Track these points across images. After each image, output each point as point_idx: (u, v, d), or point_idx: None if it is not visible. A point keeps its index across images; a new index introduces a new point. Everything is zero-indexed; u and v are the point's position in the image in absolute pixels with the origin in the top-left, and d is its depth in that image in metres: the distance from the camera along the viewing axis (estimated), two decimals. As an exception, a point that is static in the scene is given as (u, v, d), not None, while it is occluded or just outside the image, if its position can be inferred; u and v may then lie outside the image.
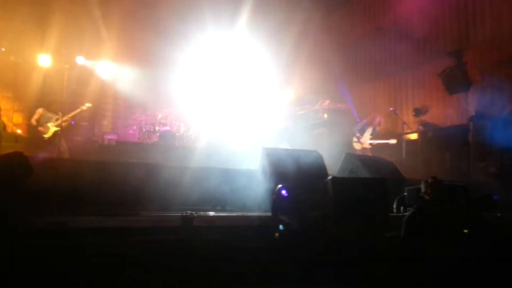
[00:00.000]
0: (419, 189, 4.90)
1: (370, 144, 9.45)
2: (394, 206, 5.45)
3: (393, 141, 9.43)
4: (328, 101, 11.74)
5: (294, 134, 10.13)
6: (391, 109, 10.52)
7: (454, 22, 10.41)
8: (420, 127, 10.43)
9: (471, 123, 9.05)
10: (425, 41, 11.14)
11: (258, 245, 3.74)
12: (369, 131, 9.53)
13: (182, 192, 4.61)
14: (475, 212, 5.09)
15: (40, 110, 8.28)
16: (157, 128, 10.28)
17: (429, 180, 4.75)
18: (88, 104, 8.59)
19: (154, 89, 10.96)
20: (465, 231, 4.63)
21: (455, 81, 9.81)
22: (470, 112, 9.61)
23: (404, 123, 9.88)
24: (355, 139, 9.51)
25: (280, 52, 11.73)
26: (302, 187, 4.76)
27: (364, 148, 9.46)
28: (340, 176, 5.78)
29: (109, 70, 11.25)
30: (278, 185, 4.44)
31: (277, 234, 3.95)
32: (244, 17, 10.61)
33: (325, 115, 11.46)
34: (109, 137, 10.85)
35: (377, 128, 9.59)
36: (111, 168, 4.88)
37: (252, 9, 10.56)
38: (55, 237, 3.31)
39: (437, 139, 9.66)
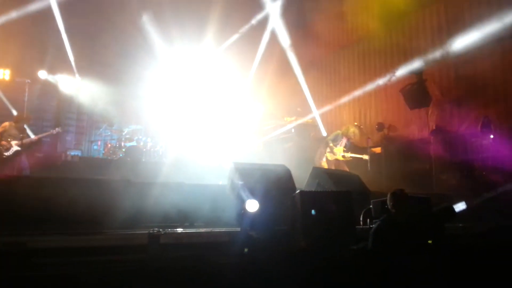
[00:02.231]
0: (385, 201, 4.98)
1: (343, 156, 9.52)
2: (361, 218, 5.51)
3: (366, 157, 9.53)
4: (295, 116, 11.87)
5: (262, 149, 10.15)
6: (356, 123, 10.75)
7: (413, 40, 10.82)
8: (384, 141, 10.69)
9: (432, 137, 9.36)
10: (386, 58, 11.52)
11: (227, 261, 3.67)
12: (342, 143, 9.60)
13: (149, 209, 4.48)
14: (438, 223, 5.23)
15: (6, 124, 7.97)
16: (123, 144, 10.05)
17: (394, 193, 4.83)
18: (58, 129, 8.41)
19: (120, 104, 10.75)
20: (429, 241, 4.73)
21: (416, 96, 10.15)
22: (431, 126, 9.95)
23: (368, 137, 10.11)
24: (328, 150, 9.56)
25: (248, 67, 11.81)
26: (271, 201, 4.74)
27: (336, 160, 9.50)
28: (308, 189, 5.81)
29: (73, 85, 10.96)
30: (246, 200, 4.40)
31: (246, 250, 3.90)
32: (211, 32, 10.64)
33: (292, 130, 11.56)
34: (72, 153, 10.51)
35: (351, 140, 9.68)
36: (74, 185, 4.69)
37: (218, 24, 10.61)
38: (13, 258, 3.11)
39: (400, 152, 9.91)
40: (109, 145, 10.21)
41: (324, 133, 11.90)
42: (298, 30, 13.40)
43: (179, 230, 4.36)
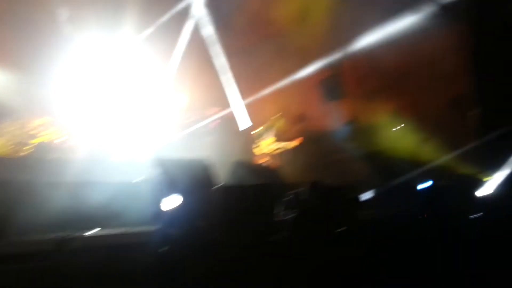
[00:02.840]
0: (302, 192, 5.15)
1: (271, 149, 9.70)
2: (280, 210, 5.63)
3: (289, 146, 9.80)
4: (219, 108, 11.77)
5: (183, 142, 9.96)
6: (276, 115, 10.96)
7: (330, 36, 11.26)
8: (301, 133, 11.03)
9: (346, 130, 9.85)
10: (306, 51, 11.84)
11: (144, 261, 3.54)
12: (269, 135, 9.77)
13: (57, 212, 4.16)
14: (351, 211, 5.52)
15: None
16: (28, 139, 9.20)
17: (310, 184, 5.02)
18: None
19: (24, 94, 9.79)
20: (343, 229, 4.98)
21: (332, 89, 10.62)
22: (345, 119, 10.48)
23: (287, 129, 10.35)
24: (255, 145, 9.69)
25: (170, 56, 11.42)
26: (191, 196, 4.66)
27: (265, 154, 9.67)
28: (228, 184, 5.81)
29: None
30: (165, 196, 4.28)
31: (163, 249, 3.79)
32: (128, 18, 10.10)
33: (216, 123, 11.48)
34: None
35: (277, 133, 9.90)
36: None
37: (136, 8, 10.10)
38: None
39: (317, 144, 10.30)
40: (13, 141, 9.30)
41: (248, 125, 12.01)
42: (222, 19, 13.28)
43: (91, 232, 4.11)
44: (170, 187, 4.73)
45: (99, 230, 4.37)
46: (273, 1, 12.34)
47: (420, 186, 6.56)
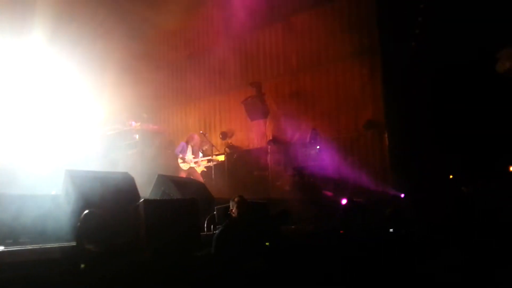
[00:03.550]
0: (227, 207, 5.15)
1: (196, 162, 9.67)
2: (205, 225, 5.58)
3: (219, 159, 9.83)
4: (140, 122, 11.44)
5: (103, 155, 9.49)
6: (201, 131, 10.90)
7: (254, 58, 11.59)
8: (227, 149, 11.10)
9: (269, 147, 10.09)
10: (230, 71, 12.04)
11: (59, 280, 3.28)
12: (190, 151, 9.75)
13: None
14: (274, 225, 5.63)
15: None
16: None
17: (235, 199, 5.03)
18: None
19: None
20: (267, 243, 5.05)
21: (255, 108, 10.86)
22: (268, 136, 10.74)
23: (212, 145, 10.34)
24: (180, 160, 9.62)
25: (88, 67, 10.88)
26: (112, 211, 4.43)
27: (191, 168, 9.65)
28: (152, 198, 5.63)
29: None
30: (84, 210, 4.02)
31: (82, 266, 3.54)
32: (41, 24, 9.44)
33: (137, 136, 11.12)
34: None
35: (198, 148, 9.90)
36: None
37: (51, 16, 9.50)
38: None
39: (241, 160, 10.42)
40: None
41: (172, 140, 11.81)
42: (146, 32, 13.03)
43: (0, 248, 3.71)
44: (89, 201, 4.47)
45: (9, 245, 3.95)
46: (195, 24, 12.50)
47: (340, 203, 6.90)
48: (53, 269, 3.62)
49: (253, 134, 11.26)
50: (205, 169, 10.06)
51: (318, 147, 9.14)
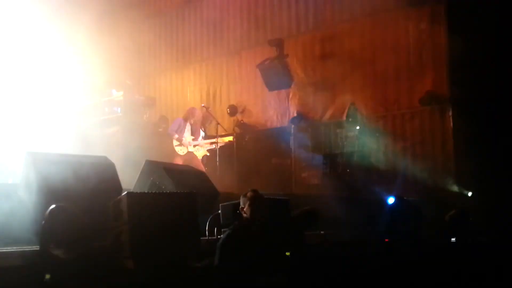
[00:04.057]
0: (236, 205, 5.15)
1: (197, 145, 9.65)
2: (207, 227, 5.62)
3: (224, 141, 9.83)
4: (123, 91, 11.49)
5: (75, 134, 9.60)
6: (203, 105, 10.93)
7: (276, 7, 11.44)
8: (236, 129, 11.11)
9: (292, 126, 10.06)
10: (242, 24, 11.95)
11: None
12: (188, 130, 9.69)
13: None
14: (298, 230, 5.64)
15: None
16: None
17: (248, 194, 5.01)
18: None
19: None
20: (287, 253, 5.07)
21: (275, 75, 10.79)
22: (291, 113, 10.70)
23: (218, 123, 10.35)
24: (175, 143, 9.56)
25: (60, 19, 10.95)
26: (86, 206, 4.50)
27: (190, 153, 9.58)
28: (139, 191, 5.68)
29: None
30: (50, 205, 4.08)
31: (47, 277, 3.62)
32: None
33: (119, 110, 11.20)
34: None
35: (198, 126, 9.84)
36: None
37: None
38: None
39: (255, 144, 10.43)
40: None
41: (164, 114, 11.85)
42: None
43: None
44: (57, 193, 4.54)
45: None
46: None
47: (386, 202, 6.87)
48: (10, 280, 3.67)
49: (271, 109, 11.24)
50: (207, 154, 10.09)
51: (357, 127, 9.07)
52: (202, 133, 10.08)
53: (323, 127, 10.01)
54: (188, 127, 9.80)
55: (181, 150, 9.64)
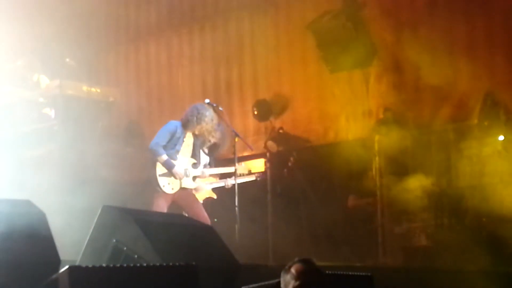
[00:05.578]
0: (276, 285, 5.20)
1: (200, 176, 9.58)
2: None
3: (249, 178, 9.88)
4: (59, 79, 11.74)
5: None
6: (207, 101, 10.95)
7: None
8: (271, 145, 11.16)
9: (377, 137, 10.11)
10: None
11: None
12: (188, 147, 9.55)
13: None
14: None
15: None
16: None
17: (294, 268, 5.06)
18: None
19: None
20: None
21: (342, 41, 10.87)
22: (375, 112, 10.76)
23: (236, 134, 10.35)
24: (160, 170, 9.33)
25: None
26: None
27: (185, 191, 9.46)
28: (91, 261, 5.76)
29: None
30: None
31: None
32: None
33: (52, 112, 11.43)
34: None
35: (208, 142, 9.73)
36: None
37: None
38: None
39: (308, 171, 10.49)
40: None
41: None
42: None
43: None
44: None
45: None
46: None
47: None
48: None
49: (336, 106, 11.27)
50: (214, 196, 10.14)
51: (500, 137, 9.08)
52: (204, 157, 10.00)
53: (434, 138, 10.00)
54: (189, 141, 9.70)
55: (169, 185, 9.61)
